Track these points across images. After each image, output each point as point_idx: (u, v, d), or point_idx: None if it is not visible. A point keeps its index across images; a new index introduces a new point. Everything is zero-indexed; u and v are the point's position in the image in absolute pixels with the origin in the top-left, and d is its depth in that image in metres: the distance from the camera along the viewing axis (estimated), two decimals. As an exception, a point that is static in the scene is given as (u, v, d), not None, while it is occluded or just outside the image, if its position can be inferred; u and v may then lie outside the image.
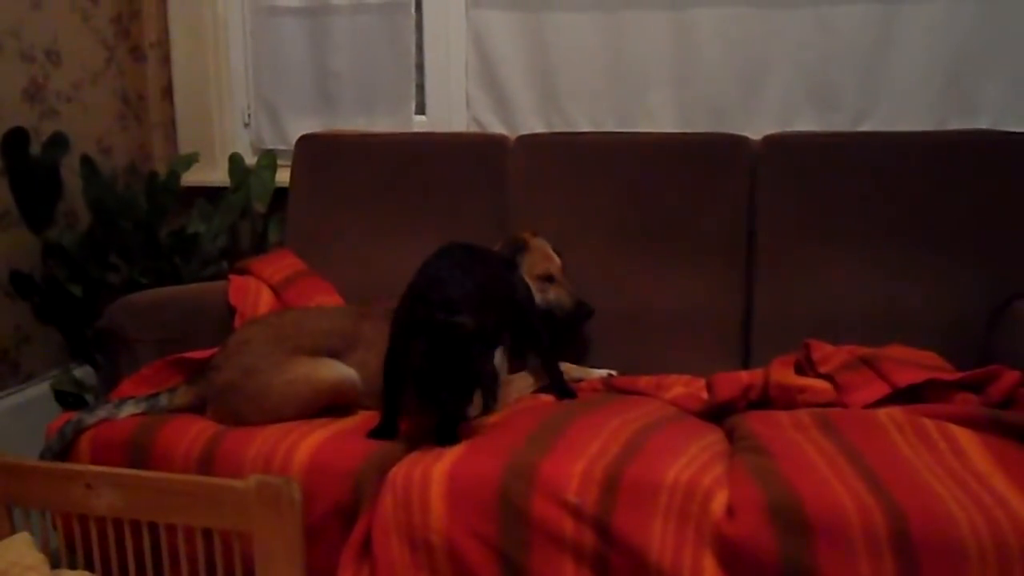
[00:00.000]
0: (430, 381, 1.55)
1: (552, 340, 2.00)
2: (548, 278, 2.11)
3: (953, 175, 2.13)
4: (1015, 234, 2.09)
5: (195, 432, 1.70)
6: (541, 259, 2.12)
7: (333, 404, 1.79)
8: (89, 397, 2.52)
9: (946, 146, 2.17)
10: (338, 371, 1.80)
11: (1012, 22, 2.36)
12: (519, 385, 1.98)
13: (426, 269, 1.77)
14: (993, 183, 2.11)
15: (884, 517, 1.30)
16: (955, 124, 2.41)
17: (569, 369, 2.09)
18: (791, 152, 2.24)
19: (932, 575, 1.26)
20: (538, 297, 2.08)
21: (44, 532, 1.60)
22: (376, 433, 1.67)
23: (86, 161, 2.51)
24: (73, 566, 1.57)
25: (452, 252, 1.84)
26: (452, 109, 2.79)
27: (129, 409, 1.78)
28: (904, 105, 2.45)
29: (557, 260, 2.14)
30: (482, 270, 1.82)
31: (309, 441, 1.63)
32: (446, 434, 1.64)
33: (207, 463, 1.63)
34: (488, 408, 1.82)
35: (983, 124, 2.39)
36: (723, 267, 2.20)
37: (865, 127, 2.47)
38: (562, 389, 1.94)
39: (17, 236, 2.47)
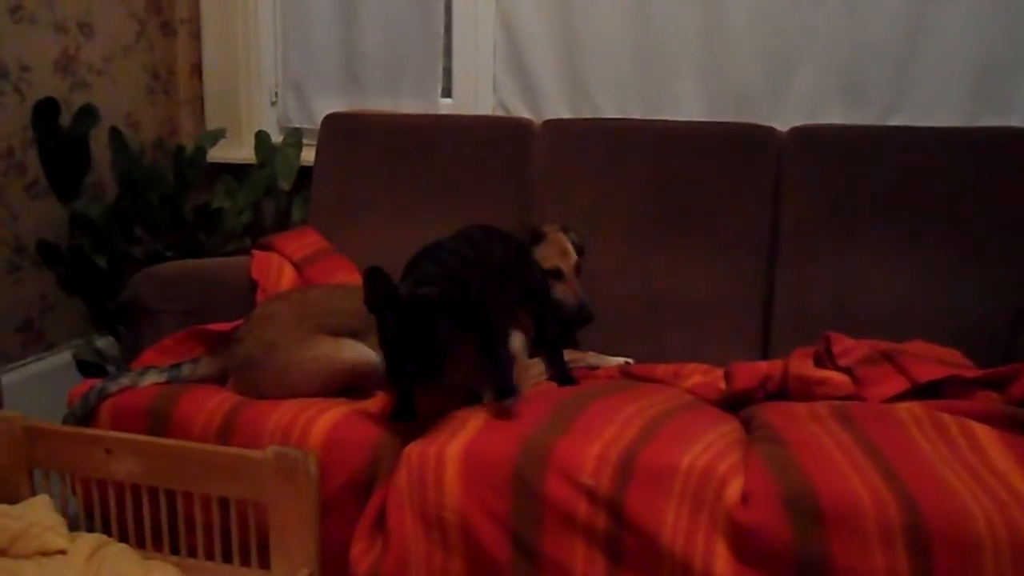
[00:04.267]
0: (397, 353, 1.53)
1: (559, 329, 2.00)
2: (556, 274, 2.07)
3: (981, 173, 2.11)
4: (1042, 234, 2.07)
5: (215, 403, 1.71)
6: (554, 253, 2.08)
7: (352, 384, 1.79)
8: (110, 367, 2.55)
9: (976, 143, 2.14)
10: (358, 352, 1.80)
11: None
12: (537, 370, 1.98)
13: (432, 243, 1.75)
14: (1022, 182, 2.09)
15: (899, 510, 1.30)
16: (987, 121, 2.39)
17: (586, 356, 2.08)
18: (818, 144, 2.22)
19: (946, 569, 1.26)
20: None
21: (63, 495, 1.63)
22: (396, 416, 1.67)
23: (115, 134, 2.54)
24: (91, 530, 1.60)
25: (470, 231, 1.84)
26: (478, 92, 2.79)
27: (152, 378, 1.80)
28: (935, 100, 2.42)
29: (573, 257, 2.11)
30: (498, 249, 1.82)
31: (327, 416, 1.64)
32: (403, 410, 1.66)
33: (226, 433, 1.64)
34: (506, 391, 1.80)
35: (1015, 122, 2.36)
36: (745, 257, 2.19)
37: (894, 121, 2.44)
38: (564, 377, 1.94)
39: (45, 206, 2.50)
